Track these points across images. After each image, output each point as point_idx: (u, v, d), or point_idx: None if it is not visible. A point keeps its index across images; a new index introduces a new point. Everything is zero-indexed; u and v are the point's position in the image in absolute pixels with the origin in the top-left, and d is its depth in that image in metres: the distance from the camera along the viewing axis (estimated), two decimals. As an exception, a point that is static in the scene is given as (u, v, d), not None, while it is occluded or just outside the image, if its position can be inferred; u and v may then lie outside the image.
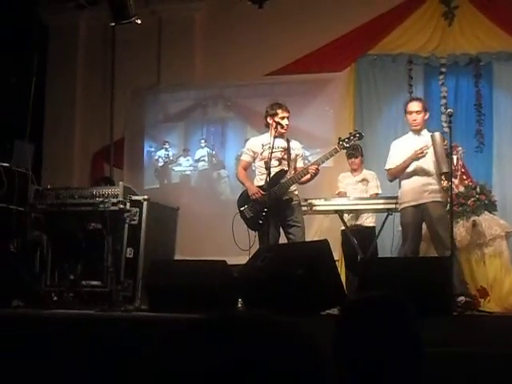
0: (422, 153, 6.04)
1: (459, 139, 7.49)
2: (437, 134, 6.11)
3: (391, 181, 6.56)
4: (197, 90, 9.33)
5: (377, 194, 7.28)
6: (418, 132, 6.30)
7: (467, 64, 8.58)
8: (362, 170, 7.49)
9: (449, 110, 6.34)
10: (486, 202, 7.37)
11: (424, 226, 6.38)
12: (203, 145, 9.10)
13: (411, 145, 6.24)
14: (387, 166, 6.43)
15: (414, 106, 6.33)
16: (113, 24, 7.13)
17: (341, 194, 7.40)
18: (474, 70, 8.55)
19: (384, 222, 6.84)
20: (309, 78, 8.76)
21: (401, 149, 6.35)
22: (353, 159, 7.39)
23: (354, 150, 7.35)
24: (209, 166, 9.11)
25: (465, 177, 7.46)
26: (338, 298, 5.09)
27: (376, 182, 7.38)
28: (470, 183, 7.12)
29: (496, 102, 8.56)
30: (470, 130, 8.37)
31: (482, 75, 8.54)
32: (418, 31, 8.67)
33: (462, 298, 5.81)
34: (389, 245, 7.16)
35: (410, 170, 6.18)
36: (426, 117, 6.34)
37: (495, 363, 3.79)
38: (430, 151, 6.12)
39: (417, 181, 6.08)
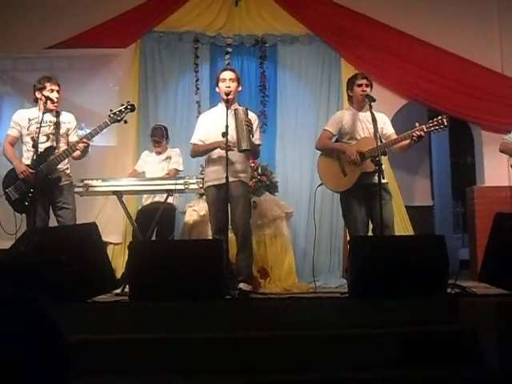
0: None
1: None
2: (240, 109, 5.76)
3: (193, 157, 6.23)
4: (-30, 62, 8.53)
5: (177, 170, 7.13)
6: (229, 104, 5.83)
7: (253, 45, 8.61)
8: (167, 150, 7.37)
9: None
10: (268, 183, 7.44)
11: None
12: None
13: (221, 120, 5.71)
14: (192, 141, 6.06)
15: (227, 74, 5.97)
16: None
17: (133, 174, 7.17)
18: (260, 52, 8.60)
19: (164, 203, 6.63)
20: (92, 53, 8.27)
21: (209, 123, 5.99)
22: (157, 146, 7.35)
23: (158, 137, 7.28)
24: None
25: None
26: (108, 283, 4.86)
27: (178, 159, 7.24)
28: (252, 164, 7.09)
29: (280, 83, 8.67)
30: (254, 110, 8.31)
31: (267, 57, 8.62)
32: (204, 9, 8.55)
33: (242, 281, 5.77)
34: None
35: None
36: (239, 89, 6.03)
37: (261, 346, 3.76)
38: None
39: (222, 159, 5.65)
